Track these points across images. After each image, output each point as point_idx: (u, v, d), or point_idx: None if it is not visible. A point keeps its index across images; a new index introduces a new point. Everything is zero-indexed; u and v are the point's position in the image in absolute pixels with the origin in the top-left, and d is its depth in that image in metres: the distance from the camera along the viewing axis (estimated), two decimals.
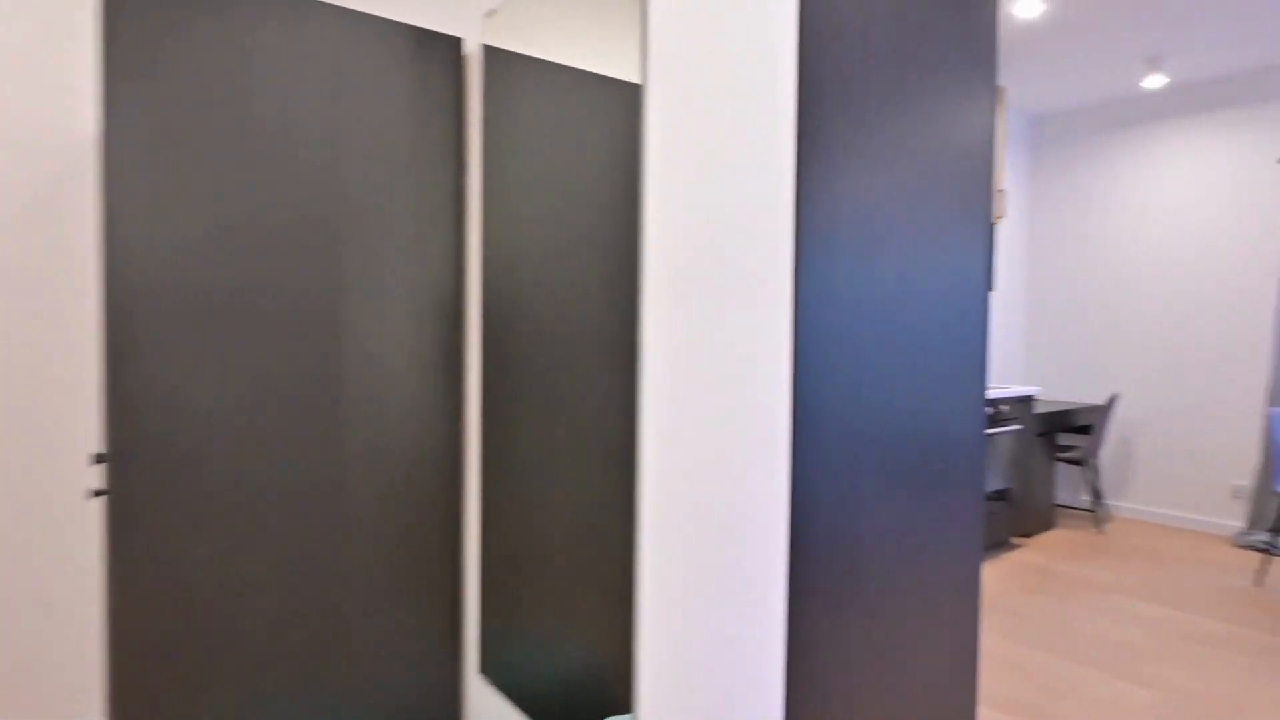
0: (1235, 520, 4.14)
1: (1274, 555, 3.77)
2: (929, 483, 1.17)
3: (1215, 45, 3.73)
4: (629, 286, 0.97)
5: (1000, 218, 4.12)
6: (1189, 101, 4.29)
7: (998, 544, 3.90)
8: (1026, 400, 3.91)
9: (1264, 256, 4.02)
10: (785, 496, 0.94)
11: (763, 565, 0.96)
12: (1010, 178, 4.90)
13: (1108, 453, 4.66)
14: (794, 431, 0.92)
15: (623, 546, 1.04)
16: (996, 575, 3.45)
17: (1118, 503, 4.62)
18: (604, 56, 1.05)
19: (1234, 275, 4.12)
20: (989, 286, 1.31)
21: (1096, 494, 4.35)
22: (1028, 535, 4.11)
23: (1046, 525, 4.25)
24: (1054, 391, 4.95)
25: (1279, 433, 3.37)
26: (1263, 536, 3.89)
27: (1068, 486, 4.89)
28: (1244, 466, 4.10)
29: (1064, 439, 4.79)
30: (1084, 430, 4.56)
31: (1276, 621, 2.92)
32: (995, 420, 3.69)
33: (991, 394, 3.63)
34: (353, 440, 1.29)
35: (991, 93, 1.27)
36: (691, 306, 0.98)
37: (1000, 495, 3.80)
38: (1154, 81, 4.08)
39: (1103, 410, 4.15)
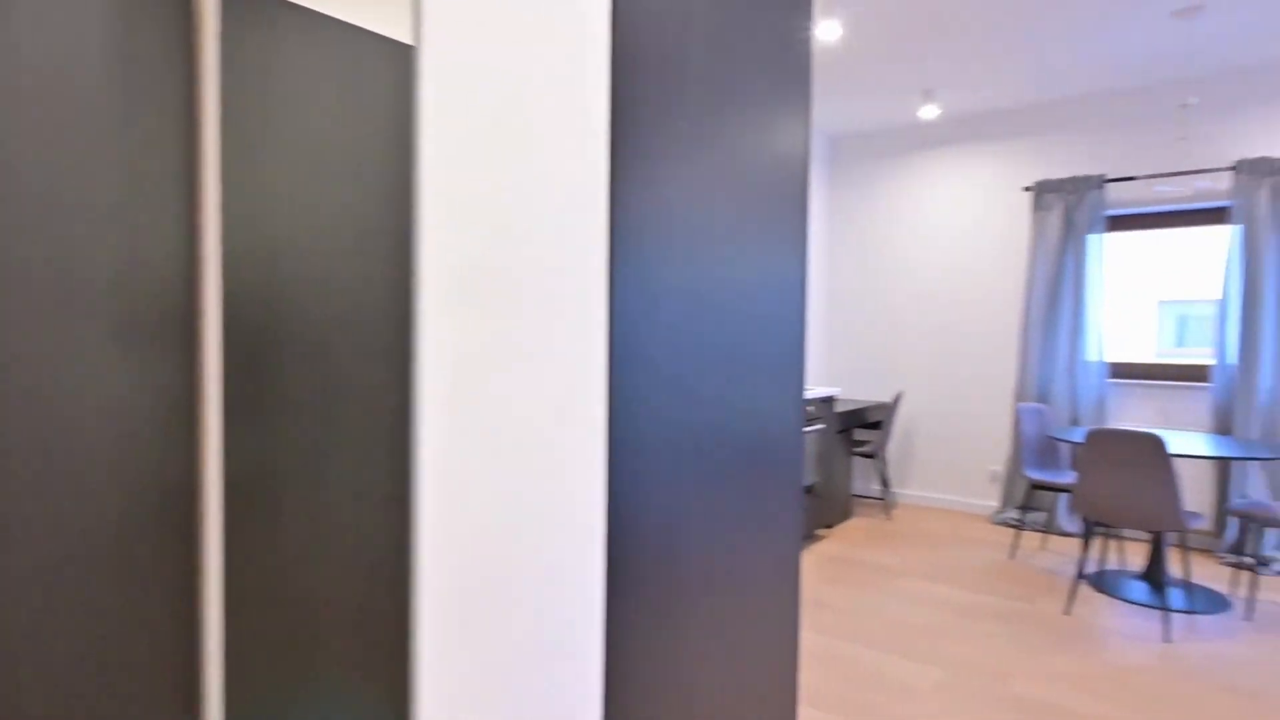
0: (993, 501, 4.76)
1: (1023, 530, 4.37)
2: (752, 480, 1.18)
3: (979, 84, 4.24)
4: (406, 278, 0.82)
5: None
6: (958, 133, 4.86)
7: (805, 537, 4.15)
8: (829, 400, 4.20)
9: (1014, 271, 4.65)
10: (602, 493, 0.87)
11: (578, 567, 0.85)
12: (813, 191, 5.26)
13: (894, 446, 5.16)
14: (613, 427, 0.87)
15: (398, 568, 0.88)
16: (804, 568, 3.65)
17: (902, 490, 5.13)
18: (373, 6, 0.87)
19: (991, 287, 4.74)
20: (806, 291, 1.36)
21: (885, 483, 4.79)
22: (830, 526, 4.42)
23: (845, 515, 4.60)
24: (850, 391, 5.39)
25: (1025, 424, 3.90)
26: (1014, 514, 4.50)
27: (862, 478, 5.36)
28: (999, 454, 4.73)
29: (859, 434, 5.23)
30: (875, 426, 5.00)
31: (1027, 590, 3.36)
32: (805, 420, 3.91)
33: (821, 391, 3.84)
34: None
35: (808, 106, 1.30)
36: (482, 301, 0.84)
37: (808, 490, 4.04)
38: (929, 112, 4.56)
39: (890, 407, 4.57)
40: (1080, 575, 3.12)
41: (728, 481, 1.09)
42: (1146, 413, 4.20)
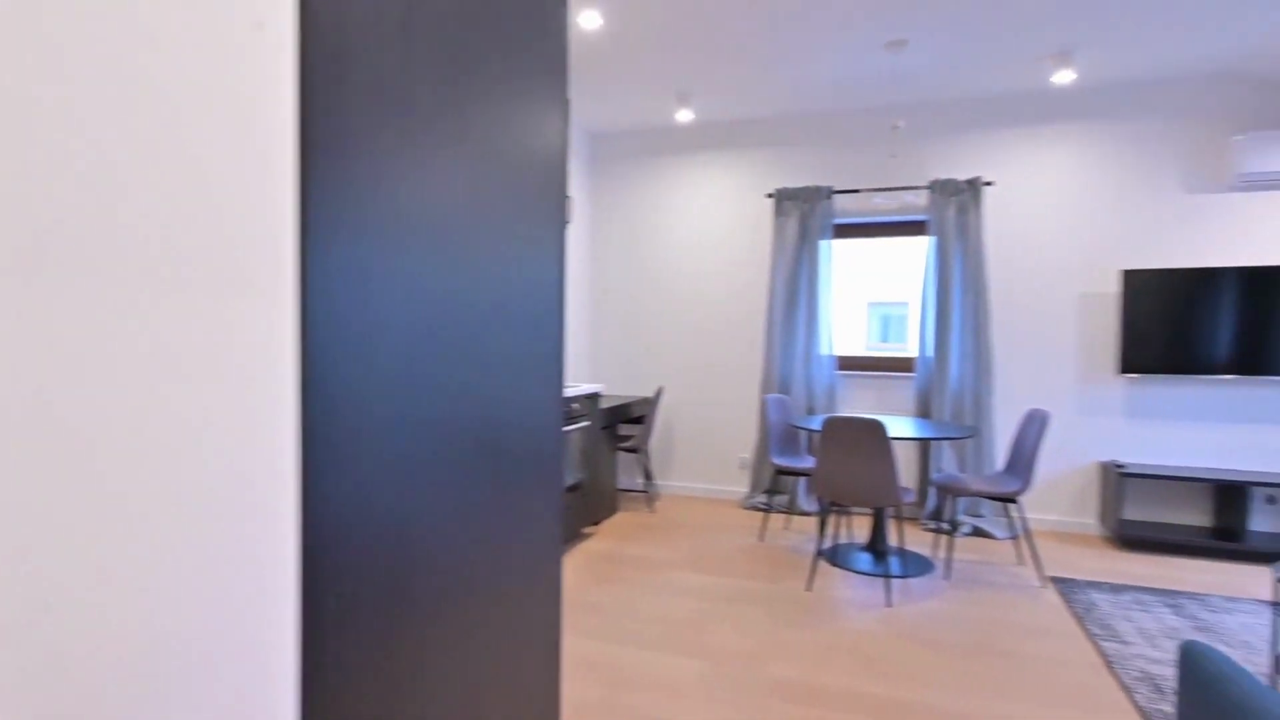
0: (744, 487, 5.07)
1: (770, 513, 4.71)
2: (509, 479, 1.10)
3: (729, 92, 4.46)
4: None
5: (569, 223, 4.28)
6: (711, 139, 5.10)
7: (571, 536, 4.04)
8: (594, 397, 4.13)
9: (760, 273, 4.99)
10: (294, 498, 0.70)
11: (254, 580, 0.62)
12: (575, 186, 5.19)
13: (656, 439, 5.29)
14: (319, 427, 0.74)
15: None
16: (571, 568, 3.53)
17: (665, 482, 5.27)
18: None
19: (741, 288, 5.04)
20: (563, 287, 1.27)
21: (648, 476, 4.87)
22: (597, 523, 4.37)
23: (611, 511, 4.58)
24: (615, 388, 5.42)
25: (771, 414, 4.18)
26: (762, 499, 4.83)
27: (627, 473, 5.41)
28: (749, 442, 5.05)
29: (624, 430, 5.27)
30: (639, 421, 5.07)
31: (775, 570, 3.57)
32: (568, 418, 3.79)
33: (570, 391, 3.71)
34: None
35: (564, 98, 1.22)
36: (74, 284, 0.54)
37: (574, 488, 3.93)
38: (684, 115, 4.71)
39: (652, 402, 4.65)
40: (818, 552, 3.38)
41: (480, 482, 1.01)
42: (867, 400, 4.74)
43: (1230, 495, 3.95)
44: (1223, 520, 4.01)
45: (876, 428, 3.09)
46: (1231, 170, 3.96)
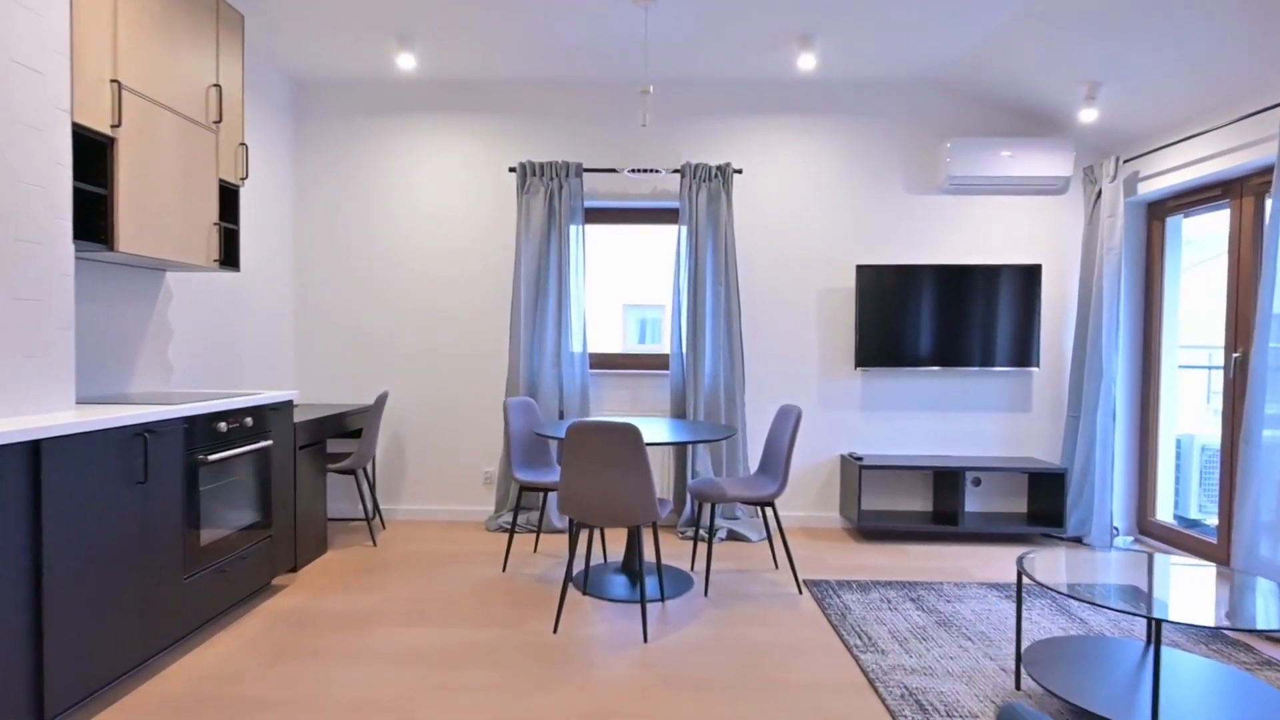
0: (489, 505, 4.41)
1: (516, 533, 4.11)
2: None
3: (458, 41, 3.77)
4: None
5: (243, 178, 3.27)
6: (442, 98, 4.35)
7: (255, 592, 3.07)
8: (282, 407, 3.19)
9: (505, 258, 4.37)
10: None
11: None
12: (275, 144, 4.12)
13: (383, 455, 4.41)
14: None
15: None
16: (235, 644, 2.60)
17: (393, 507, 4.42)
18: None
19: (482, 274, 4.37)
20: None
21: (370, 503, 4.01)
22: (295, 569, 3.42)
23: (318, 550, 3.65)
24: (324, 394, 4.43)
25: (514, 421, 3.59)
26: (509, 518, 4.21)
27: (347, 497, 4.45)
28: (494, 454, 4.41)
29: (337, 446, 4.32)
30: (357, 435, 4.17)
31: (517, 610, 2.98)
32: (234, 437, 2.83)
33: (218, 405, 2.75)
34: None
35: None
36: None
37: (261, 526, 2.97)
38: (406, 61, 3.92)
39: (373, 411, 3.80)
40: (568, 579, 2.86)
41: None
42: (622, 401, 4.36)
43: (947, 480, 4.20)
44: (942, 504, 4.26)
45: (628, 433, 2.64)
46: (943, 173, 4.20)
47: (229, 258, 3.25)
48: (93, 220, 2.53)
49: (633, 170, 4.21)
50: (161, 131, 2.74)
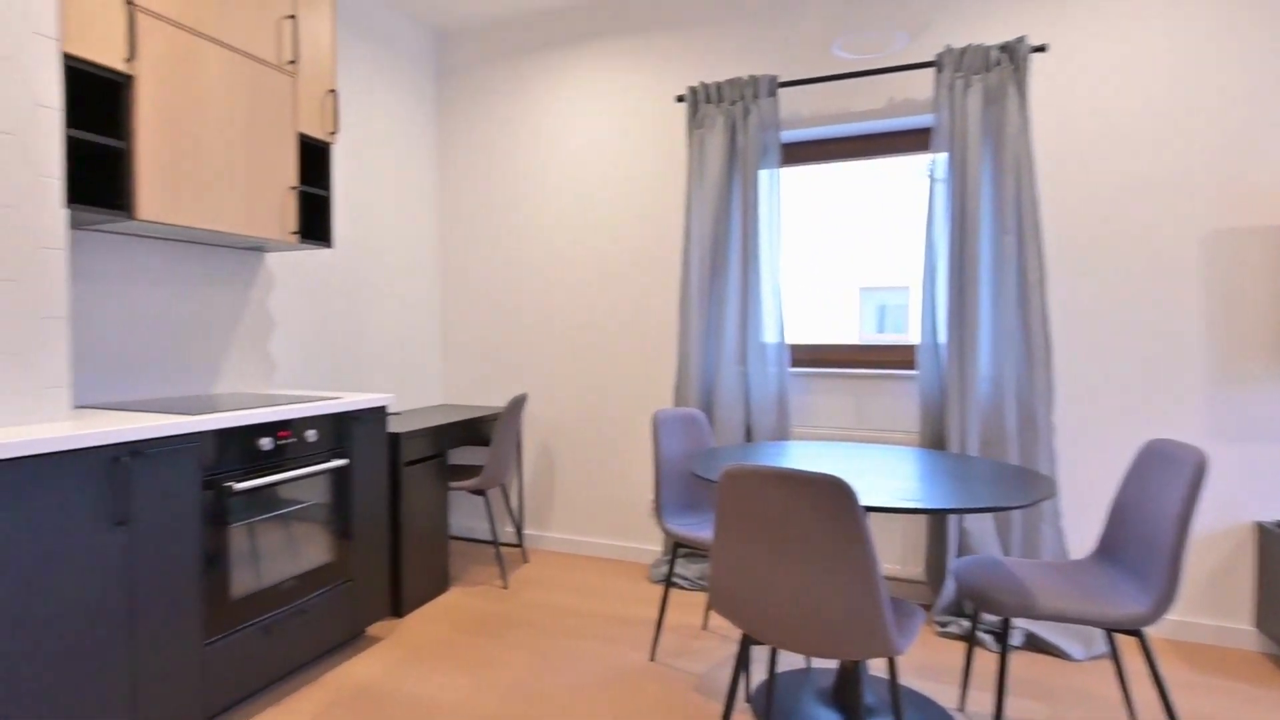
0: (655, 544, 3.44)
1: (681, 588, 3.08)
2: None
3: None
4: None
5: (332, 132, 2.64)
6: (594, 24, 3.42)
7: (333, 649, 2.44)
8: (367, 415, 2.50)
9: (671, 220, 3.33)
10: None
11: None
12: (408, 105, 3.55)
13: (529, 471, 3.65)
14: None
15: None
16: None
17: (541, 532, 3.64)
18: None
19: (648, 245, 3.37)
20: None
21: (515, 529, 3.26)
22: (400, 614, 2.76)
23: (439, 586, 2.98)
24: (469, 395, 3.78)
25: (666, 443, 2.54)
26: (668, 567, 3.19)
27: (476, 515, 3.78)
28: None
29: (463, 456, 3.68)
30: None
31: None
32: (284, 457, 2.17)
33: (250, 416, 2.08)
34: None
35: None
36: None
37: (334, 569, 2.33)
38: None
39: (505, 418, 3.02)
40: (734, 692, 1.75)
41: None
42: (840, 412, 3.08)
43: None
44: None
45: (828, 493, 1.45)
46: None
47: (314, 231, 2.65)
48: (117, 183, 1.99)
49: (846, 49, 2.87)
50: (206, 70, 2.15)
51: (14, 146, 1.71)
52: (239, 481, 2.00)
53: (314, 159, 2.64)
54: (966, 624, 2.60)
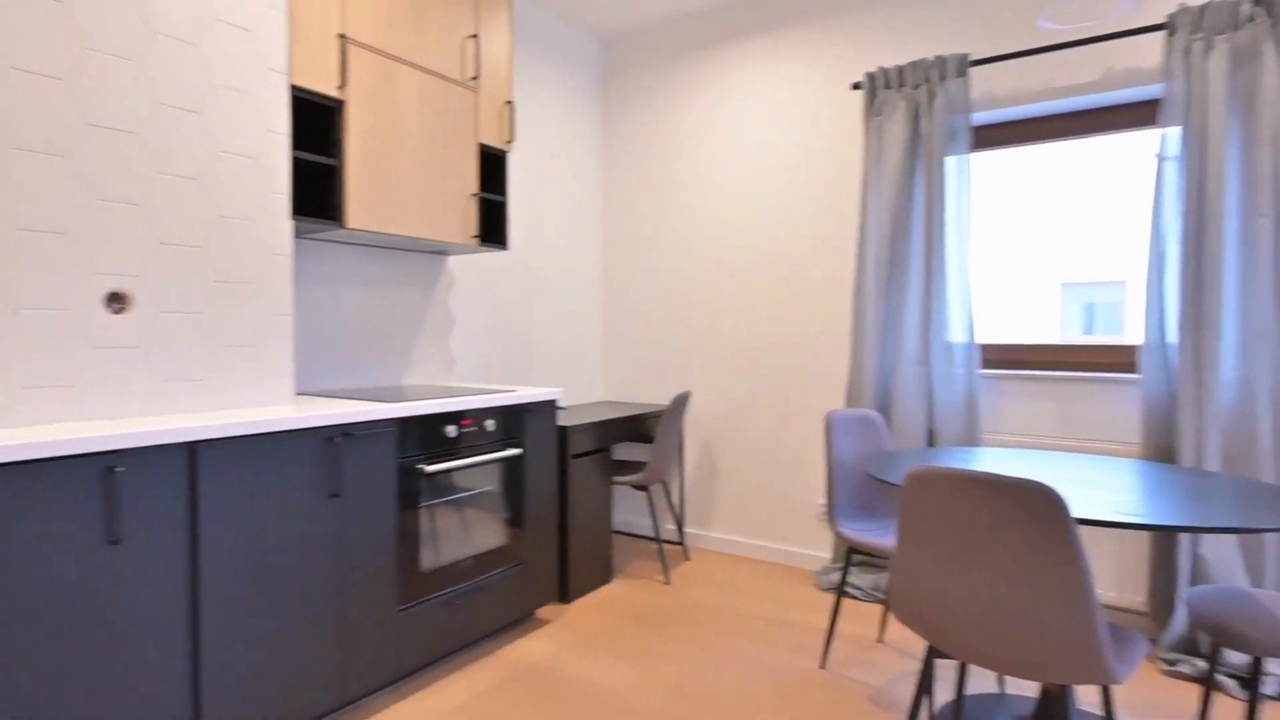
0: (824, 551, 3.28)
1: (853, 598, 2.90)
2: None
3: None
4: None
5: (509, 140, 2.78)
6: (763, 17, 3.33)
7: (505, 627, 2.57)
8: (539, 408, 2.61)
9: (845, 213, 3.16)
10: None
11: None
12: (576, 110, 3.68)
13: (692, 469, 3.62)
14: None
15: None
16: (455, 703, 2.06)
17: (703, 531, 3.60)
18: None
19: (820, 238, 3.23)
20: None
21: (676, 526, 3.27)
22: (567, 600, 2.86)
23: (602, 577, 3.05)
24: (633, 391, 3.83)
25: (840, 444, 2.40)
26: (837, 576, 3.02)
27: (638, 511, 3.80)
28: None
29: (625, 452, 3.71)
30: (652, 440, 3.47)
31: None
32: (468, 444, 2.31)
33: (438, 404, 2.23)
34: None
35: None
36: None
37: (509, 551, 2.46)
38: None
39: (669, 415, 3.03)
40: (917, 708, 1.61)
41: None
42: (1041, 419, 2.76)
43: None
44: None
45: (1035, 503, 1.29)
46: None
47: (492, 234, 2.81)
48: (328, 196, 2.24)
49: (1056, 19, 2.55)
50: (402, 91, 2.36)
51: (254, 168, 1.97)
52: (429, 464, 2.17)
53: (492, 166, 2.81)
54: (1202, 664, 2.21)
